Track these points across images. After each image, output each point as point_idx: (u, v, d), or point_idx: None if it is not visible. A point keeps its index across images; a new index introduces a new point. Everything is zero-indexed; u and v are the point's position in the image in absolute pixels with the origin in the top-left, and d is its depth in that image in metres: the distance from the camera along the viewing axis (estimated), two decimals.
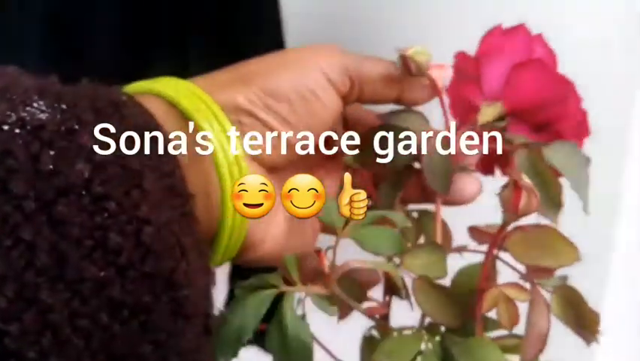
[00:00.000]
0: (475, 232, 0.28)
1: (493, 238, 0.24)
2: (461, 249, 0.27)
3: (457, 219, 0.28)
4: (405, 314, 0.27)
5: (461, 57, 0.27)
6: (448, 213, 0.27)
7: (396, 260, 0.25)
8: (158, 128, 0.21)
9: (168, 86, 0.24)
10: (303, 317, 0.23)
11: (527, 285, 0.24)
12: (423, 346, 0.25)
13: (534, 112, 0.27)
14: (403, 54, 0.26)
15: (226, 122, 0.23)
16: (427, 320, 0.27)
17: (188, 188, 0.21)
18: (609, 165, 0.35)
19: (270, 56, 0.26)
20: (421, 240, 0.28)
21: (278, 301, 0.23)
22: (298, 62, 0.25)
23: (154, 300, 0.18)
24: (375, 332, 0.28)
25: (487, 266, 0.24)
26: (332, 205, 0.25)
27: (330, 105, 0.26)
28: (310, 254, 0.25)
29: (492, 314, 0.25)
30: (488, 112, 0.27)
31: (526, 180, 0.21)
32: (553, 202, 0.25)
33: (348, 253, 0.25)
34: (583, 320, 0.25)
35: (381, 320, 0.26)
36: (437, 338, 0.25)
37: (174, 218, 0.19)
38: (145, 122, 0.21)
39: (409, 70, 0.26)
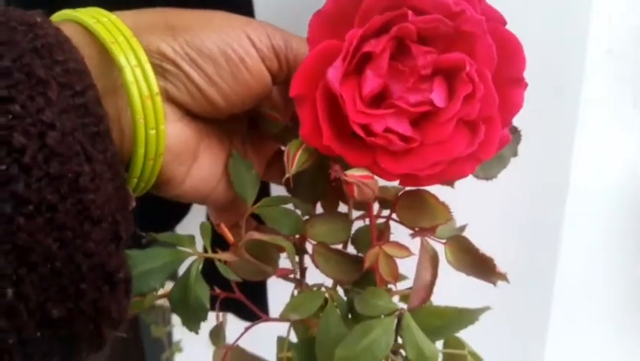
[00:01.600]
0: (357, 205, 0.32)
1: (369, 205, 0.28)
2: (363, 216, 0.31)
3: None
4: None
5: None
6: None
7: None
8: (71, 49, 0.22)
9: (89, 14, 0.24)
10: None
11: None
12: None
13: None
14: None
15: (143, 57, 0.24)
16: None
17: (100, 108, 0.21)
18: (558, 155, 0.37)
19: (200, 12, 0.26)
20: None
21: None
22: (227, 26, 0.26)
23: (59, 200, 0.19)
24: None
25: (372, 228, 0.28)
26: (247, 177, 0.29)
27: (259, 77, 0.26)
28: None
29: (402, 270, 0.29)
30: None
31: (351, 175, 0.24)
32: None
33: None
34: (478, 265, 0.28)
35: (297, 280, 0.31)
36: (341, 292, 0.29)
37: (79, 127, 0.20)
38: (58, 42, 0.21)
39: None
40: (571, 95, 0.36)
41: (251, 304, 0.30)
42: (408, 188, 0.28)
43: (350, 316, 0.29)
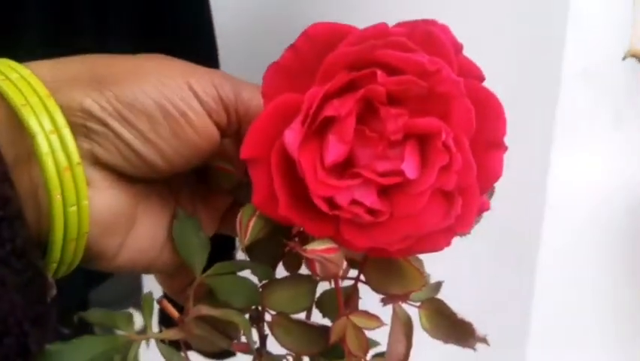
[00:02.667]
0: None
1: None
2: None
3: None
4: None
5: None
6: None
7: None
8: None
9: None
10: None
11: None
12: None
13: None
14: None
15: (61, 121, 0.21)
16: None
17: (6, 186, 0.19)
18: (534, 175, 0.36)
19: (132, 59, 0.23)
20: None
21: None
22: (165, 75, 0.22)
23: None
24: None
25: (339, 296, 0.25)
26: (195, 243, 0.26)
27: (204, 133, 0.23)
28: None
29: (371, 334, 0.27)
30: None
31: (311, 250, 0.22)
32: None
33: None
34: (455, 330, 0.26)
35: (257, 350, 0.28)
36: None
37: None
38: None
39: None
40: (546, 115, 0.35)
41: None
42: None
43: None
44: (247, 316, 0.26)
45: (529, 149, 0.36)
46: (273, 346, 0.28)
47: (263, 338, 0.28)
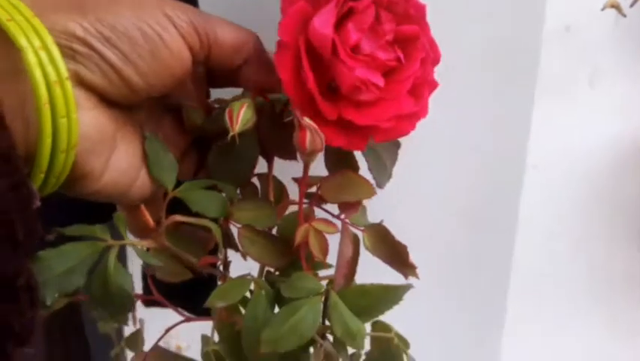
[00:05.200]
0: (300, 181, 0.32)
1: (301, 184, 0.28)
2: (292, 202, 0.31)
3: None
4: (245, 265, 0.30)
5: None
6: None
7: None
8: None
9: None
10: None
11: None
12: (253, 287, 0.28)
13: None
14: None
15: (48, 39, 0.21)
16: (266, 268, 0.31)
17: None
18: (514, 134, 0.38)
19: None
20: None
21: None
22: (140, 3, 0.24)
23: None
24: None
25: (300, 208, 0.28)
26: (166, 161, 0.27)
27: (178, 55, 0.25)
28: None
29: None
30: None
31: (308, 121, 0.25)
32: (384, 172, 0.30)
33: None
34: (394, 253, 0.29)
35: (223, 270, 0.30)
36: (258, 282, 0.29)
37: None
38: None
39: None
40: (527, 73, 0.37)
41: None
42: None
43: (277, 305, 0.29)
44: None
45: (511, 107, 0.37)
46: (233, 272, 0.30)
47: (226, 263, 0.30)
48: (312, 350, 0.27)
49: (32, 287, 0.19)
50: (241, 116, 0.25)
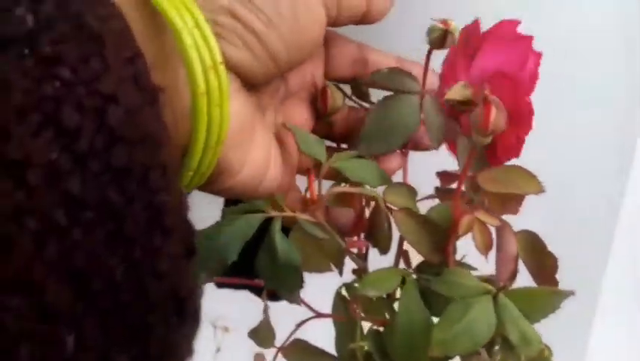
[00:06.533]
0: (443, 175, 0.29)
1: (462, 173, 0.25)
2: (431, 196, 0.28)
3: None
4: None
5: (474, 27, 0.27)
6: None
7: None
8: (111, 3, 0.17)
9: None
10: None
11: None
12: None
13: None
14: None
15: (200, 16, 0.19)
16: (401, 265, 0.27)
17: (153, 81, 0.16)
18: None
19: None
20: None
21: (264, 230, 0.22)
22: None
23: (126, 203, 0.14)
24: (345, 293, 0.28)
25: (458, 199, 0.25)
26: (311, 137, 0.25)
27: (317, 14, 0.23)
28: (293, 187, 0.25)
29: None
30: (456, 91, 0.26)
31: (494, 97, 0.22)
32: None
33: None
34: (542, 265, 0.26)
35: (361, 260, 0.27)
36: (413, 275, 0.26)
37: (143, 103, 0.15)
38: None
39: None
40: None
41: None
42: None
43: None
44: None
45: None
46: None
47: (366, 253, 0.27)
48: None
49: (197, 309, 0.17)
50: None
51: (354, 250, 0.26)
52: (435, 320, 0.24)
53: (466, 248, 0.28)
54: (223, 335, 0.36)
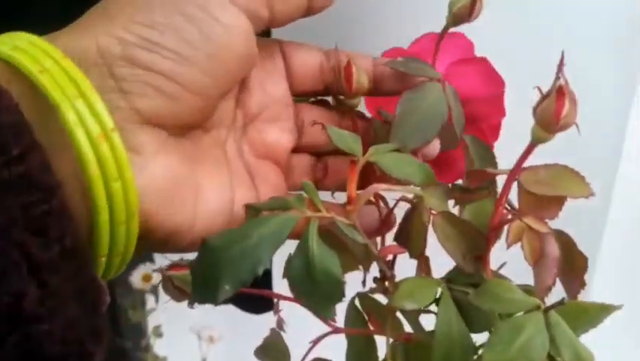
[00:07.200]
0: (473, 174, 0.27)
1: (513, 171, 0.23)
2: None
3: None
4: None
5: (396, 52, 0.27)
6: None
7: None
8: (9, 103, 0.16)
9: (4, 41, 0.18)
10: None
11: None
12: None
13: (464, 106, 0.27)
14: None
15: (84, 84, 0.17)
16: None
17: (49, 175, 0.16)
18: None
19: None
20: None
21: None
22: None
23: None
24: (358, 304, 0.25)
25: (502, 203, 0.22)
26: (345, 133, 0.22)
27: (236, 25, 0.20)
28: None
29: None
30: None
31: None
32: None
33: None
34: (573, 264, 0.24)
35: (389, 268, 0.24)
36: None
37: (17, 216, 0.14)
38: None
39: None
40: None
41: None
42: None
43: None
44: None
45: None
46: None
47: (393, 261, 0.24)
48: None
49: None
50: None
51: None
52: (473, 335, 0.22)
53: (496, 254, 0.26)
54: (209, 346, 0.33)
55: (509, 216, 0.23)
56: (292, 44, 0.25)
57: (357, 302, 0.25)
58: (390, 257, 0.24)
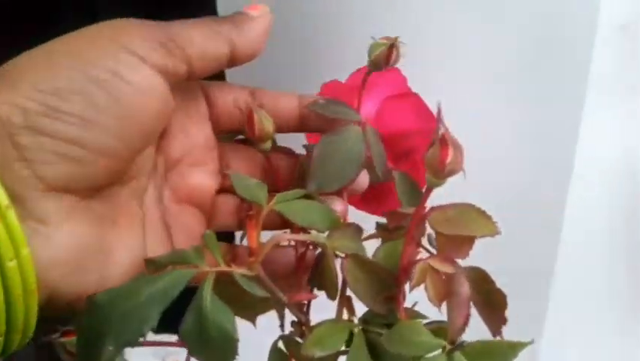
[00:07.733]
0: (392, 215, 0.27)
1: (416, 213, 0.23)
2: (372, 236, 0.26)
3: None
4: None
5: (333, 85, 0.28)
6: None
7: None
8: None
9: None
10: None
11: None
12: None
13: (398, 140, 0.28)
14: None
15: None
16: (344, 315, 0.25)
17: None
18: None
19: (46, 45, 0.19)
20: None
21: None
22: (87, 43, 0.19)
23: None
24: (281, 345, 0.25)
25: (410, 243, 0.23)
26: (250, 181, 0.22)
27: (150, 87, 0.20)
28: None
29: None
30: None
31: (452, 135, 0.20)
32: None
33: None
34: (491, 303, 0.25)
35: (302, 314, 0.24)
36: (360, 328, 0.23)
37: None
38: None
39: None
40: (579, 72, 0.35)
41: None
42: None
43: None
44: None
45: (561, 107, 0.35)
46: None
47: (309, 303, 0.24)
48: None
49: None
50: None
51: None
52: None
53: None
54: None
55: (419, 257, 0.24)
56: (215, 85, 0.25)
57: (280, 345, 0.25)
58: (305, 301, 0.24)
